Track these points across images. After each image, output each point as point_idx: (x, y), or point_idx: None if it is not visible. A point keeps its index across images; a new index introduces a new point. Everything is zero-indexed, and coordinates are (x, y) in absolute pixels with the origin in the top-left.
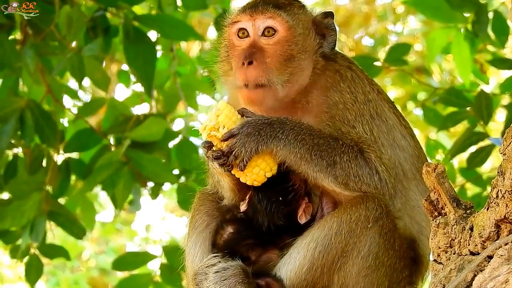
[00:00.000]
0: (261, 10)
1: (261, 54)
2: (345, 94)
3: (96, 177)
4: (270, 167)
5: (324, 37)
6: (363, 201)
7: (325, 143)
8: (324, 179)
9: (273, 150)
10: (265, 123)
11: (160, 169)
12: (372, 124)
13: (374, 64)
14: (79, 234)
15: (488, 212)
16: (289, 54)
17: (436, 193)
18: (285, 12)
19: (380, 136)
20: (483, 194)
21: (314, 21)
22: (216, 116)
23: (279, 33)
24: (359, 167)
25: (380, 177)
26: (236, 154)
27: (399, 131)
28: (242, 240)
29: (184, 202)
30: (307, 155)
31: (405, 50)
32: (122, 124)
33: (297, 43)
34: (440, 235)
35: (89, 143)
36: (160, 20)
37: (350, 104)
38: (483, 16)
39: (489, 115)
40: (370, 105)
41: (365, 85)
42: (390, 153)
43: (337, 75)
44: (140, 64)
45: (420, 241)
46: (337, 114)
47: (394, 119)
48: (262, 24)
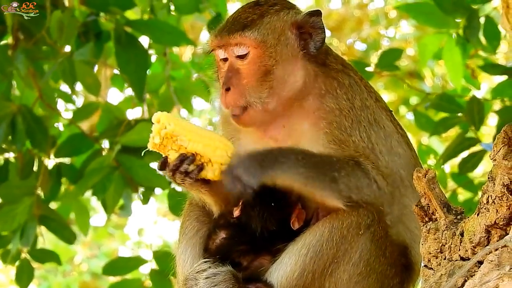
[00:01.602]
0: (228, 37)
1: (238, 77)
2: (342, 100)
3: (87, 182)
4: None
5: (311, 36)
6: (355, 208)
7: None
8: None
9: (271, 177)
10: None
11: (151, 174)
12: (370, 130)
13: (366, 69)
14: (70, 239)
15: (478, 217)
16: (264, 70)
17: (427, 198)
18: (252, 30)
19: (378, 143)
20: (475, 199)
21: (296, 23)
22: (158, 130)
23: (251, 53)
24: (357, 179)
25: (378, 186)
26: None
27: (396, 139)
28: (235, 246)
29: (175, 208)
30: (303, 179)
31: (397, 55)
32: (114, 128)
33: (270, 55)
34: (430, 240)
35: (80, 148)
36: (152, 25)
37: (347, 111)
38: (475, 21)
39: (481, 121)
40: (367, 112)
41: (363, 91)
42: (388, 160)
43: (335, 82)
44: (132, 69)
45: (412, 248)
46: (334, 120)
47: (392, 127)
48: (233, 50)
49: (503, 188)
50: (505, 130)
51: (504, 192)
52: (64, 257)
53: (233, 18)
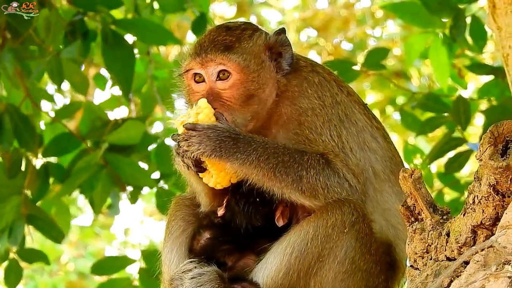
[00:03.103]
0: (210, 57)
1: (219, 101)
2: (313, 99)
3: (74, 181)
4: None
5: (281, 55)
6: (339, 206)
7: (290, 159)
8: (291, 194)
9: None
10: (231, 137)
11: (138, 173)
12: (340, 128)
13: (352, 68)
14: (58, 238)
15: (464, 217)
16: (247, 94)
17: (413, 198)
18: (235, 53)
19: (349, 140)
20: (461, 199)
21: (267, 46)
22: (196, 114)
23: (233, 76)
24: (327, 178)
25: (349, 184)
26: (187, 147)
27: (370, 133)
28: (219, 246)
29: (162, 207)
30: (270, 174)
31: (383, 54)
32: (101, 127)
33: (253, 80)
34: (416, 240)
35: (68, 147)
36: (139, 24)
37: (319, 110)
38: (461, 21)
39: (467, 121)
40: (338, 108)
41: (333, 87)
42: (359, 156)
43: (304, 82)
44: (119, 68)
45: (396, 246)
46: (306, 120)
47: (365, 121)
48: (214, 70)
49: (489, 188)
50: (491, 130)
51: (490, 192)
52: (50, 257)
53: (210, 40)
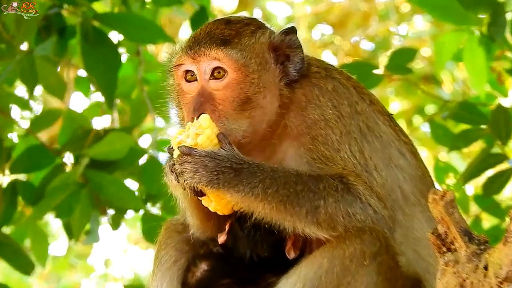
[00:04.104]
0: (204, 51)
1: (211, 103)
2: (327, 109)
3: (48, 202)
4: None
5: (288, 58)
6: (359, 234)
7: (304, 188)
8: (305, 227)
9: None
10: (232, 167)
11: (123, 193)
12: (362, 142)
13: (373, 72)
14: (27, 269)
15: (505, 248)
16: (244, 98)
17: (445, 225)
18: (233, 48)
19: (373, 156)
20: (502, 226)
21: (272, 45)
22: (196, 134)
23: (229, 75)
24: (348, 204)
25: (374, 210)
26: (181, 173)
27: (397, 148)
28: (218, 279)
29: (149, 233)
30: (280, 206)
31: (410, 55)
32: (79, 139)
33: (251, 82)
34: (449, 274)
35: (40, 162)
36: (124, 19)
37: (334, 121)
38: (501, 17)
39: (508, 134)
40: (359, 118)
41: (352, 94)
42: (386, 175)
43: (315, 89)
44: (101, 70)
45: (426, 281)
46: (319, 134)
47: (390, 134)
48: (208, 67)
49: None
50: None
51: None
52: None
53: (206, 33)
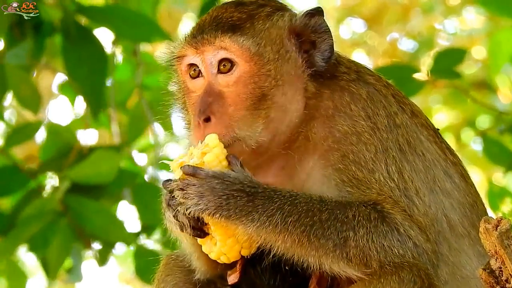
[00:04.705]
0: (208, 38)
1: (220, 103)
2: (359, 120)
3: (20, 233)
4: (251, 242)
5: (314, 45)
6: (396, 271)
7: (330, 217)
8: (332, 264)
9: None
10: (245, 191)
11: (110, 224)
12: (401, 161)
13: (414, 77)
14: None
15: None
16: (258, 94)
17: (499, 259)
18: (243, 34)
19: (414, 178)
20: None
21: (293, 30)
22: (202, 154)
23: (239, 67)
24: (382, 236)
25: (414, 243)
26: (183, 199)
27: (443, 169)
28: None
29: (143, 270)
30: (303, 239)
31: (458, 57)
32: (59, 159)
33: (267, 75)
34: None
35: (11, 186)
36: (114, 14)
37: (368, 135)
38: None
39: None
40: (398, 133)
41: (391, 104)
42: (429, 202)
43: (346, 95)
44: (85, 73)
45: None
46: (350, 151)
47: (436, 152)
48: (214, 58)
49: None
50: None
51: None
52: None
53: (212, 18)
